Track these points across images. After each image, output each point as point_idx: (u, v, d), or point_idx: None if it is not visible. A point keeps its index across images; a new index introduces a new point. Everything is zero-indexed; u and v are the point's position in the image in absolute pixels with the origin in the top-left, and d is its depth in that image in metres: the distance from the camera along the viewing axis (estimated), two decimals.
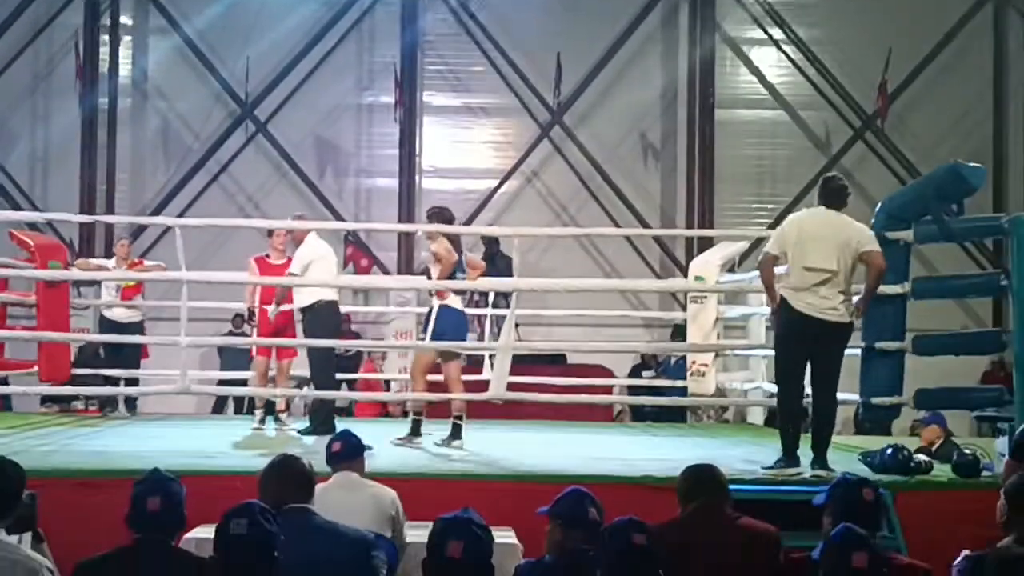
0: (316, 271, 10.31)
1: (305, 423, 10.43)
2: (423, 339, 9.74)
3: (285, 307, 10.47)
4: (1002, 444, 8.50)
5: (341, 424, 9.64)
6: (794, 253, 7.73)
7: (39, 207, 18.54)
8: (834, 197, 7.94)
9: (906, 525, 7.11)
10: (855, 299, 7.94)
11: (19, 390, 12.13)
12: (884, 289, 9.12)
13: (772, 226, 12.39)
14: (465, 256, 9.66)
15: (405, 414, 15.66)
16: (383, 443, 8.91)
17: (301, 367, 11.43)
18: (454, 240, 9.62)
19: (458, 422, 9.52)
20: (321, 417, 10.17)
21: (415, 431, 9.52)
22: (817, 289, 7.66)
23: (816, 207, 8.02)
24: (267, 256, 10.91)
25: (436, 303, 9.58)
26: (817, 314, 7.67)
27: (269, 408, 10.92)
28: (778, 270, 8.16)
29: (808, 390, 8.05)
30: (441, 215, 9.84)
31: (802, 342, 7.80)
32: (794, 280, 7.73)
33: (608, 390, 14.48)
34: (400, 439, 9.36)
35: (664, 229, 19.25)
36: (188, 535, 5.70)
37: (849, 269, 7.78)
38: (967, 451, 8.19)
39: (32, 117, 19.89)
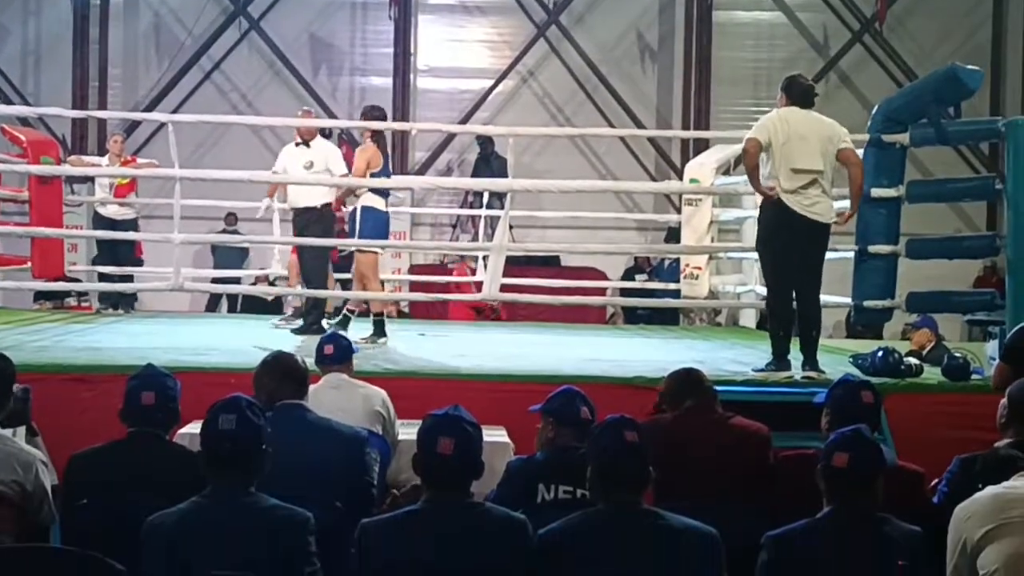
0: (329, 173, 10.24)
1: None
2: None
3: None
4: (992, 348, 8.54)
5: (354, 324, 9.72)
6: (780, 154, 7.54)
7: (31, 103, 18.37)
8: (807, 97, 7.78)
9: (895, 427, 7.14)
10: (836, 204, 7.88)
11: (11, 285, 12.11)
12: (878, 192, 9.11)
13: None
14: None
15: (401, 314, 15.81)
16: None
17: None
18: (382, 145, 9.61)
19: (379, 319, 9.58)
20: (314, 318, 10.19)
21: (379, 331, 9.53)
22: (804, 191, 7.56)
23: (788, 108, 7.73)
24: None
25: (359, 204, 9.62)
26: (804, 213, 7.58)
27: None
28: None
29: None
30: (372, 113, 9.92)
31: (788, 243, 7.70)
32: (783, 184, 7.59)
33: (601, 293, 14.53)
34: (364, 339, 9.35)
35: (660, 130, 19.15)
36: (182, 430, 5.73)
37: (832, 168, 7.69)
38: (957, 355, 8.21)
39: (23, 12, 19.68)
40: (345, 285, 11.21)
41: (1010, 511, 3.84)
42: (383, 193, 9.65)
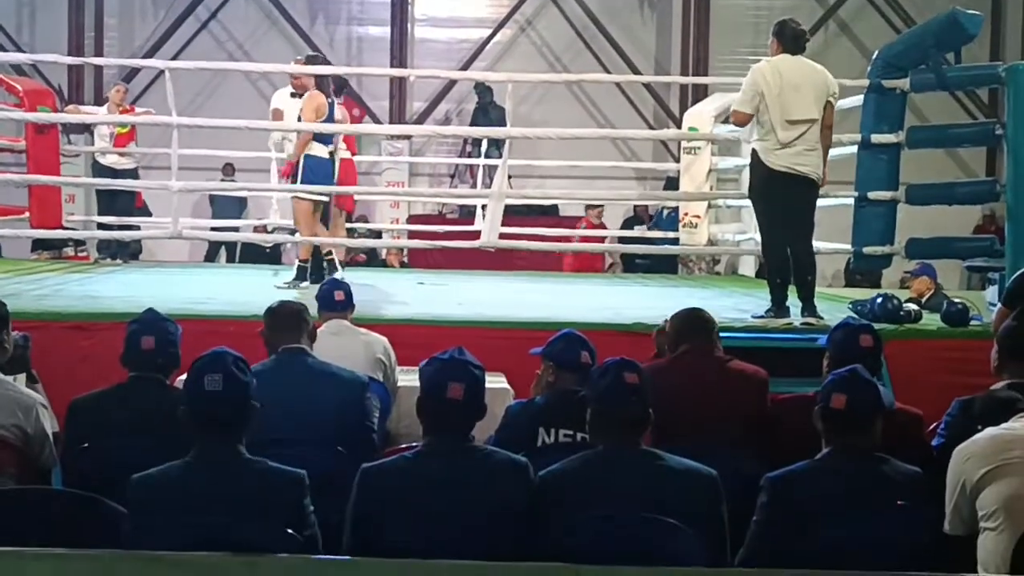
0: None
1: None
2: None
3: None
4: (991, 294, 8.55)
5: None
6: (775, 106, 7.49)
7: (26, 52, 18.27)
8: (799, 42, 7.73)
9: (894, 373, 7.14)
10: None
11: (8, 234, 12.08)
12: (878, 138, 9.09)
13: None
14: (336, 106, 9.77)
15: (403, 264, 15.82)
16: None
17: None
18: (324, 89, 9.60)
19: (303, 265, 9.62)
20: (313, 266, 10.18)
21: (300, 276, 9.59)
22: (795, 144, 7.52)
23: (780, 56, 7.70)
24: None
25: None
26: (789, 170, 7.55)
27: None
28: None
29: None
30: (317, 60, 9.99)
31: (779, 197, 7.69)
32: (779, 136, 7.50)
33: (599, 242, 14.50)
34: (285, 283, 9.43)
35: (658, 76, 19.05)
36: (183, 377, 5.73)
37: (821, 116, 7.66)
38: (956, 301, 8.22)
39: None
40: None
41: (1009, 452, 3.85)
42: (325, 141, 9.63)
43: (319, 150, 9.55)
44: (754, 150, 7.71)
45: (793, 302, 7.87)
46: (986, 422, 4.14)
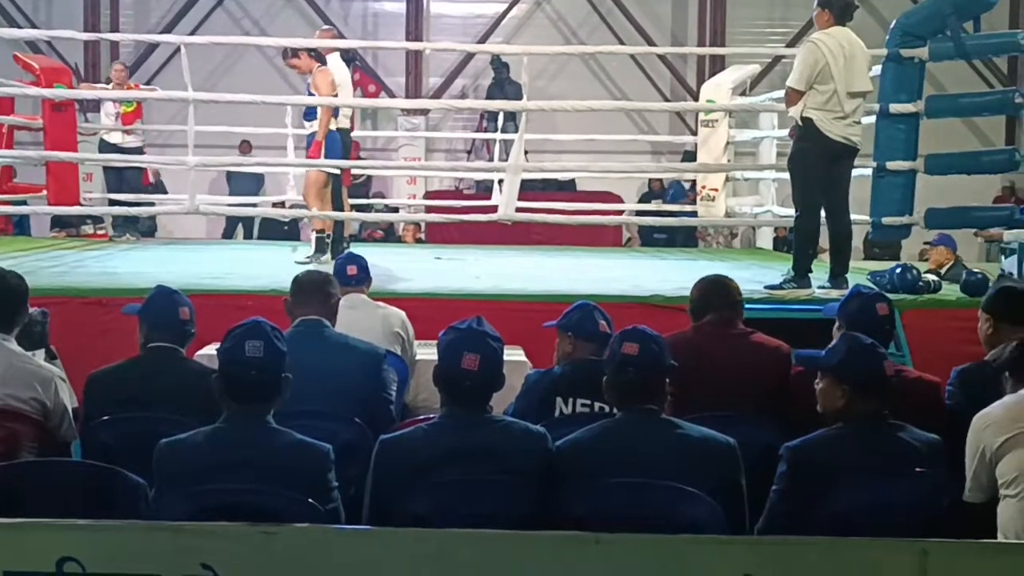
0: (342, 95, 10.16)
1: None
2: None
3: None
4: (1010, 263, 8.51)
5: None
6: (839, 78, 7.47)
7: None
8: (849, 11, 7.73)
9: (913, 343, 7.13)
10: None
11: (26, 210, 12.11)
12: (897, 108, 9.03)
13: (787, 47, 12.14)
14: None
15: (419, 240, 15.82)
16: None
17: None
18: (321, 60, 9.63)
19: (320, 235, 9.59)
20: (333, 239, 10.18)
21: (320, 249, 9.55)
22: (854, 114, 7.56)
23: (831, 28, 7.67)
24: None
25: (308, 128, 9.67)
26: (849, 139, 7.59)
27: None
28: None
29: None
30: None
31: (827, 166, 7.70)
32: (844, 107, 7.51)
33: (617, 215, 14.46)
34: (307, 258, 9.38)
35: (675, 47, 18.97)
36: (201, 351, 5.76)
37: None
38: (976, 272, 8.19)
39: None
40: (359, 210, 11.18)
41: None
42: (334, 115, 9.61)
43: (331, 123, 9.56)
44: (809, 119, 7.60)
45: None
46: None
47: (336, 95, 9.54)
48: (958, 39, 8.80)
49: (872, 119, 9.27)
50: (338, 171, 9.73)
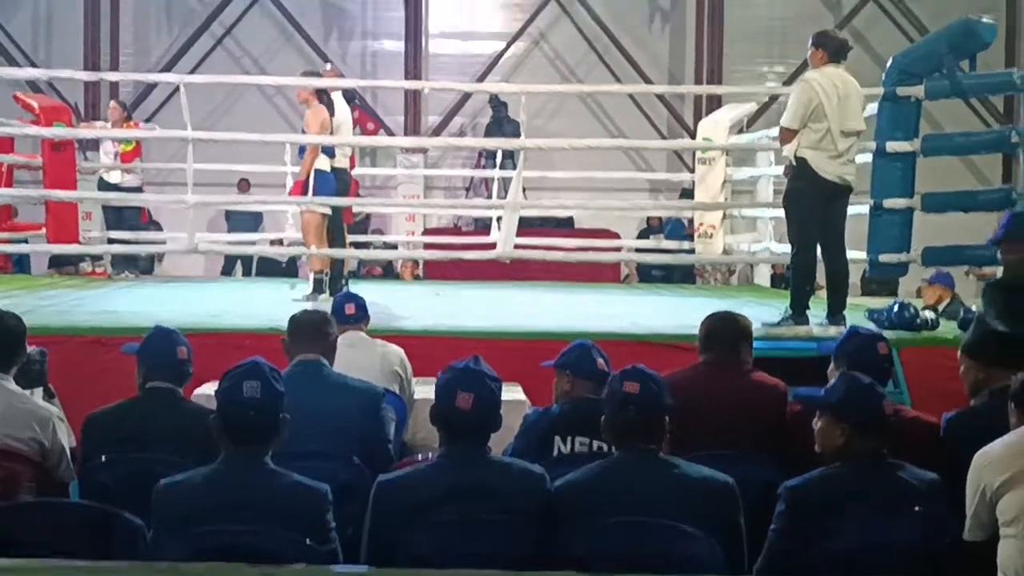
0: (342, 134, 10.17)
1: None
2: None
3: None
4: None
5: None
6: (833, 117, 7.48)
7: (42, 69, 18.30)
8: (843, 51, 7.75)
9: (911, 380, 7.13)
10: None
11: (26, 249, 12.13)
12: (893, 146, 9.07)
13: (783, 86, 12.16)
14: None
15: (417, 277, 15.82)
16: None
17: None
18: (328, 104, 9.60)
19: (319, 276, 9.58)
20: (331, 278, 10.18)
21: (318, 288, 9.54)
22: (847, 153, 7.57)
23: (825, 67, 7.69)
24: None
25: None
26: (843, 178, 7.60)
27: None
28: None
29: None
30: (313, 74, 9.96)
31: (823, 205, 7.70)
32: (838, 146, 7.52)
33: (615, 252, 14.45)
34: (305, 296, 9.37)
35: (672, 86, 19.04)
36: (198, 390, 5.76)
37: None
38: (974, 309, 8.18)
39: None
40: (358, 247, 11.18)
41: None
42: (329, 154, 9.62)
43: (323, 163, 9.56)
44: (803, 158, 7.59)
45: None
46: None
47: (329, 132, 9.56)
48: (954, 78, 8.84)
49: (869, 157, 9.30)
50: (330, 210, 9.72)
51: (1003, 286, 6.05)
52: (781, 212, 8.44)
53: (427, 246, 14.38)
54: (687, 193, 15.32)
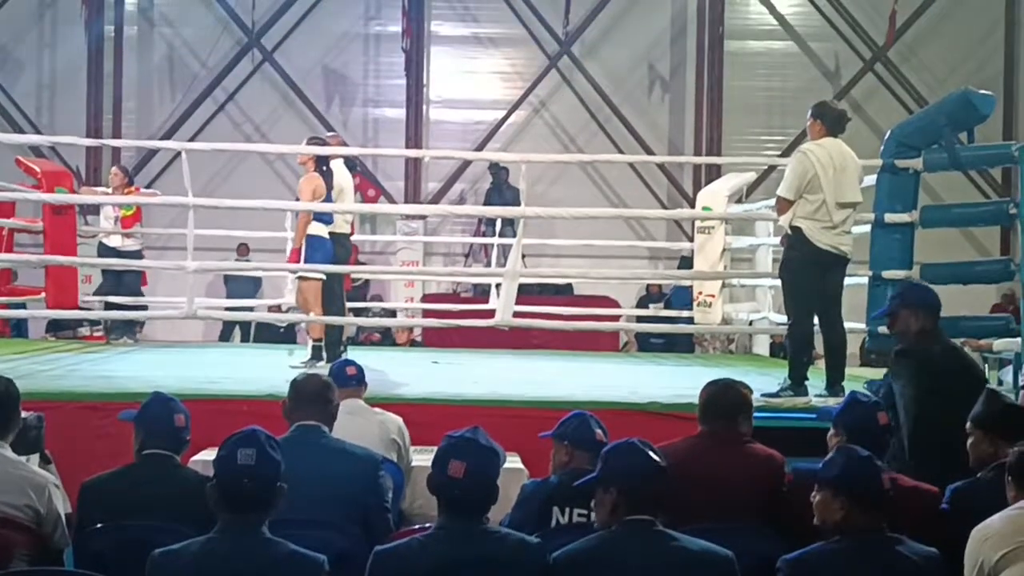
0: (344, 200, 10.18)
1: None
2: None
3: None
4: (1005, 373, 8.50)
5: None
6: (828, 188, 7.47)
7: (46, 134, 18.39)
8: (841, 123, 7.77)
9: None
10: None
11: (24, 314, 12.13)
12: (892, 217, 9.09)
13: (782, 156, 12.19)
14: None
15: (412, 342, 15.82)
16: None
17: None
18: (326, 175, 9.61)
19: (318, 344, 9.55)
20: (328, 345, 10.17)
21: (316, 356, 9.51)
22: (843, 224, 7.57)
23: (823, 139, 7.68)
24: None
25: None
26: (839, 248, 7.60)
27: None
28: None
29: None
30: (315, 141, 9.96)
31: (819, 274, 7.70)
32: (833, 217, 7.50)
33: (615, 320, 14.48)
34: (302, 363, 9.32)
35: (671, 156, 19.15)
36: (196, 457, 5.74)
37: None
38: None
39: (38, 44, 19.79)
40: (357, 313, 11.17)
41: None
42: (326, 220, 9.64)
43: (319, 229, 9.57)
44: (798, 228, 7.59)
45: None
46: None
47: (324, 199, 9.56)
48: (952, 150, 8.87)
49: (868, 228, 9.32)
50: (324, 276, 9.72)
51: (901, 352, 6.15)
52: (779, 282, 8.44)
53: (426, 313, 14.38)
54: (686, 261, 15.35)
